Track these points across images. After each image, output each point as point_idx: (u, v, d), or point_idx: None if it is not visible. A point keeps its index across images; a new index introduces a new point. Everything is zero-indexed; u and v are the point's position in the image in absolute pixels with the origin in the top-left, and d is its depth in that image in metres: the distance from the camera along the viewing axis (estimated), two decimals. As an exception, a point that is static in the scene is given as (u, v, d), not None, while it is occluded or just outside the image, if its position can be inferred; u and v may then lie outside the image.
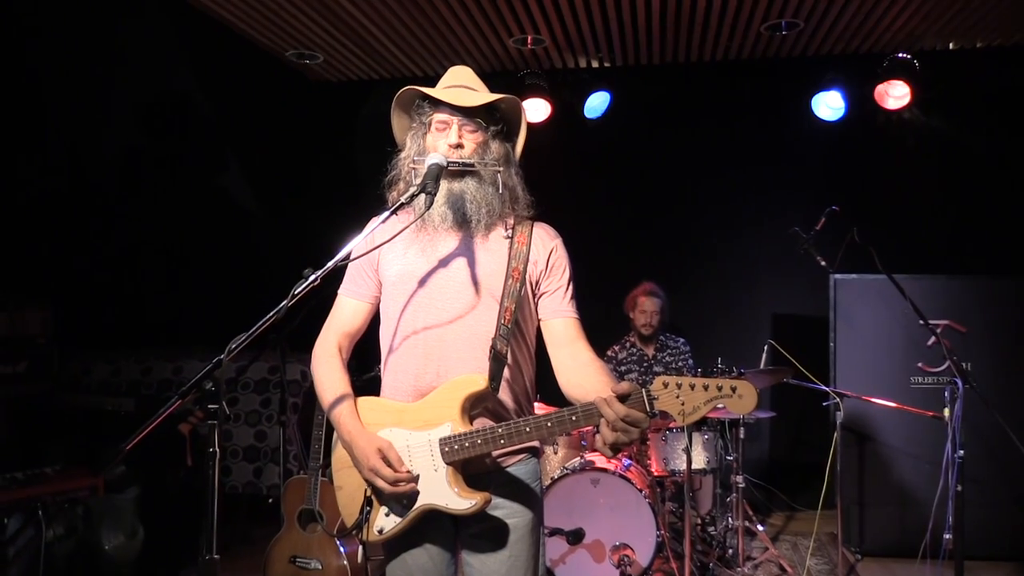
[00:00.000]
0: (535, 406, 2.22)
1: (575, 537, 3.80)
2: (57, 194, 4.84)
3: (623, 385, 1.77)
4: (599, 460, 4.03)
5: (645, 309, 4.95)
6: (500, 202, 2.08)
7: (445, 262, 2.07)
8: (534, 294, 2.13)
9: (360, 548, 2.08)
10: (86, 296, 4.90)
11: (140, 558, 3.77)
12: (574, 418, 1.85)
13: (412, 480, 1.95)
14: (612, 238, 5.82)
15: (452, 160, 2.01)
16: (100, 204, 5.12)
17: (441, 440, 1.95)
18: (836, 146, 5.56)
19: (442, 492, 1.94)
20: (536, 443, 2.15)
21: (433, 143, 2.06)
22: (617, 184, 5.95)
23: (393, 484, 1.93)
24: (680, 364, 4.99)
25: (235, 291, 5.20)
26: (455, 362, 2.02)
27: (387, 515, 2.01)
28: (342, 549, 3.52)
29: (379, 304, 2.18)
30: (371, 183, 2.25)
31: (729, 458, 4.49)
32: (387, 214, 1.96)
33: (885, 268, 3.62)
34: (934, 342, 4.10)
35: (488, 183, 2.06)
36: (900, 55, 5.12)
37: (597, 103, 5.55)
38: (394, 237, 1.97)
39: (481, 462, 2.02)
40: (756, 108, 5.65)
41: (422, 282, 2.07)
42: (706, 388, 1.76)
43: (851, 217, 3.75)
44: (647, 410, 1.76)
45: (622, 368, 5.00)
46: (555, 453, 4.27)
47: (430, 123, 2.08)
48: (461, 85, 2.14)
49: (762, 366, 4.38)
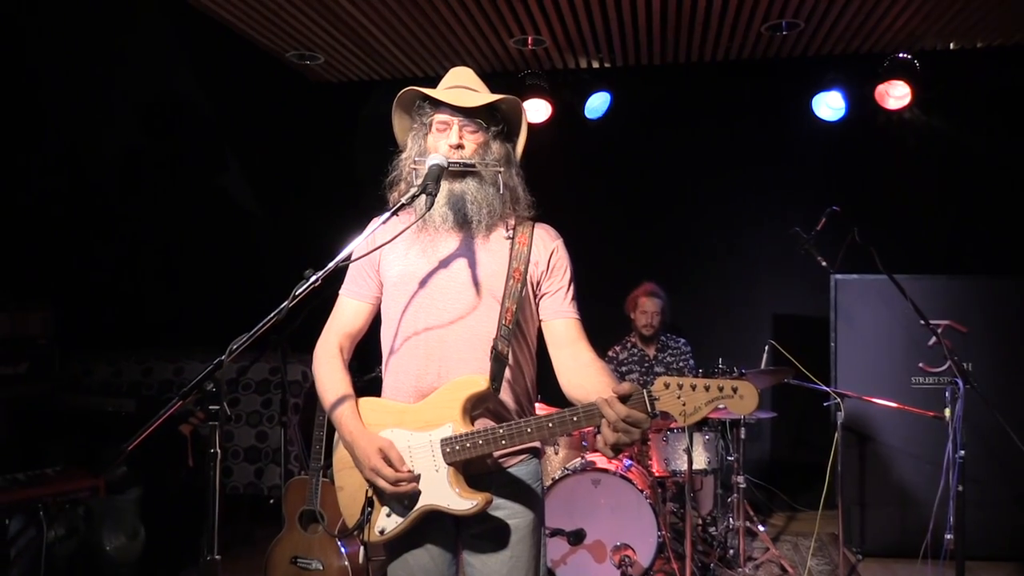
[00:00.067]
0: (536, 407, 2.22)
1: (576, 537, 3.80)
2: (58, 195, 4.84)
3: (624, 386, 1.77)
4: (600, 460, 4.03)
5: (646, 309, 4.95)
6: (501, 203, 2.07)
7: (446, 263, 2.07)
8: (535, 295, 2.13)
9: (361, 549, 2.08)
10: (87, 297, 4.90)
11: (141, 559, 3.78)
12: (575, 419, 1.85)
13: (413, 480, 1.95)
14: (613, 238, 5.82)
15: (453, 161, 2.01)
16: (101, 205, 5.11)
17: (442, 441, 1.95)
18: (837, 146, 5.56)
19: (443, 493, 1.94)
20: (537, 444, 2.15)
21: (434, 144, 2.06)
22: (618, 184, 5.95)
23: (394, 484, 1.93)
24: (681, 364, 4.99)
25: (236, 292, 5.21)
26: (456, 363, 2.02)
27: (388, 516, 2.01)
28: (343, 550, 3.52)
29: (380, 305, 2.18)
30: (372, 184, 2.25)
31: (730, 458, 4.49)
32: (388, 215, 1.95)
33: (886, 268, 3.62)
34: (935, 342, 4.09)
35: (489, 183, 2.06)
36: (900, 55, 5.12)
37: (598, 103, 5.56)
38: (395, 238, 1.97)
39: (482, 463, 2.02)
40: (757, 108, 5.65)
41: (423, 283, 2.07)
42: (707, 389, 1.76)
43: (852, 217, 3.75)
44: (648, 411, 1.76)
45: (623, 368, 5.00)
46: (556, 453, 4.27)
47: (431, 124, 2.08)
48: (462, 86, 2.14)
49: (763, 366, 4.38)
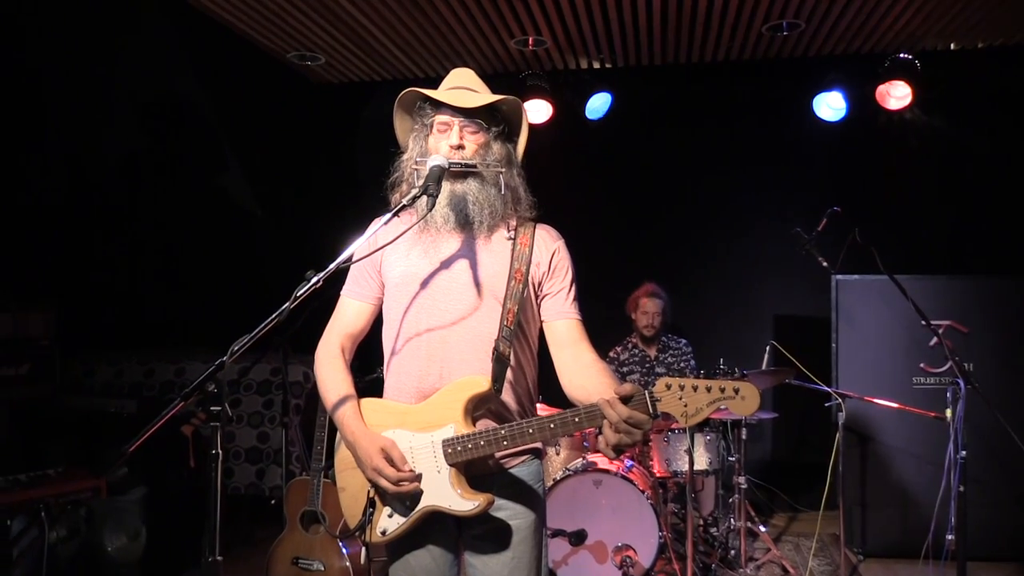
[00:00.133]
0: (537, 407, 2.22)
1: (577, 538, 3.80)
2: (59, 196, 4.85)
3: (626, 387, 1.77)
4: (601, 461, 4.03)
5: (647, 310, 4.95)
6: (502, 203, 2.07)
7: (448, 263, 2.07)
8: (537, 295, 2.13)
9: (363, 549, 2.08)
10: (88, 298, 4.91)
11: (143, 560, 3.78)
12: (577, 419, 1.85)
13: (415, 479, 1.95)
14: (614, 239, 5.82)
15: (454, 161, 2.01)
16: (102, 206, 5.12)
17: (444, 441, 1.95)
18: (837, 147, 5.57)
19: (445, 493, 1.94)
20: (539, 444, 2.15)
21: (435, 145, 2.06)
22: (619, 185, 5.95)
23: (396, 484, 1.93)
24: (682, 365, 4.99)
25: (237, 293, 5.21)
26: (458, 364, 2.02)
27: (390, 516, 2.01)
28: (344, 550, 3.53)
29: (382, 305, 2.18)
30: (373, 184, 2.25)
31: (731, 459, 4.48)
32: (389, 216, 1.95)
33: (887, 268, 3.62)
34: (936, 343, 4.09)
35: (490, 184, 2.06)
36: (901, 55, 5.12)
37: (598, 104, 5.56)
38: (397, 238, 1.97)
39: (484, 463, 2.02)
40: (757, 109, 5.65)
41: (425, 284, 2.07)
42: (709, 390, 1.76)
43: (853, 218, 3.75)
44: (650, 412, 1.75)
45: (624, 369, 5.00)
46: (557, 454, 4.27)
47: (432, 125, 2.08)
48: (462, 87, 2.14)
49: (764, 367, 4.38)
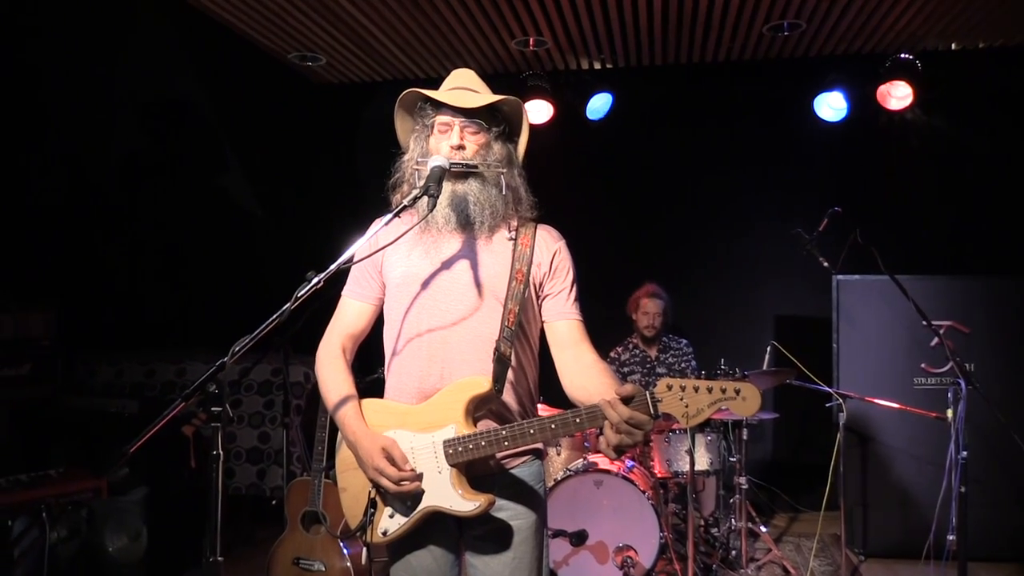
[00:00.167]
0: (538, 408, 2.23)
1: (578, 538, 3.80)
2: (60, 196, 4.85)
3: (627, 387, 1.76)
4: (602, 462, 4.03)
5: (648, 311, 4.95)
6: (503, 203, 2.07)
7: (448, 264, 2.07)
8: (538, 296, 2.13)
9: (364, 550, 2.08)
10: (90, 298, 4.91)
11: (144, 560, 3.78)
12: (578, 420, 1.85)
13: (416, 479, 1.95)
14: (614, 239, 5.82)
15: (455, 162, 2.01)
16: (103, 206, 5.12)
17: (445, 442, 1.95)
18: (838, 147, 5.56)
19: (446, 494, 1.94)
20: (540, 445, 2.15)
21: (436, 145, 2.06)
22: (619, 185, 5.95)
23: (397, 483, 1.93)
24: (683, 365, 4.99)
25: (238, 293, 5.21)
26: (459, 364, 2.02)
27: (391, 517, 2.01)
28: (345, 551, 3.53)
29: (383, 306, 2.18)
30: (373, 185, 2.26)
31: (732, 459, 4.48)
32: (390, 216, 1.96)
33: (888, 269, 3.61)
34: (937, 343, 4.09)
35: (491, 184, 2.06)
36: (902, 55, 5.12)
37: (599, 104, 5.56)
38: (398, 239, 1.97)
39: (485, 464, 2.02)
40: (758, 109, 5.65)
41: (426, 284, 2.07)
42: (710, 390, 1.76)
43: (854, 218, 3.74)
44: (651, 412, 1.75)
45: (625, 370, 5.00)
46: (558, 455, 4.27)
47: (432, 125, 2.08)
48: (463, 87, 2.14)
49: (765, 367, 4.38)
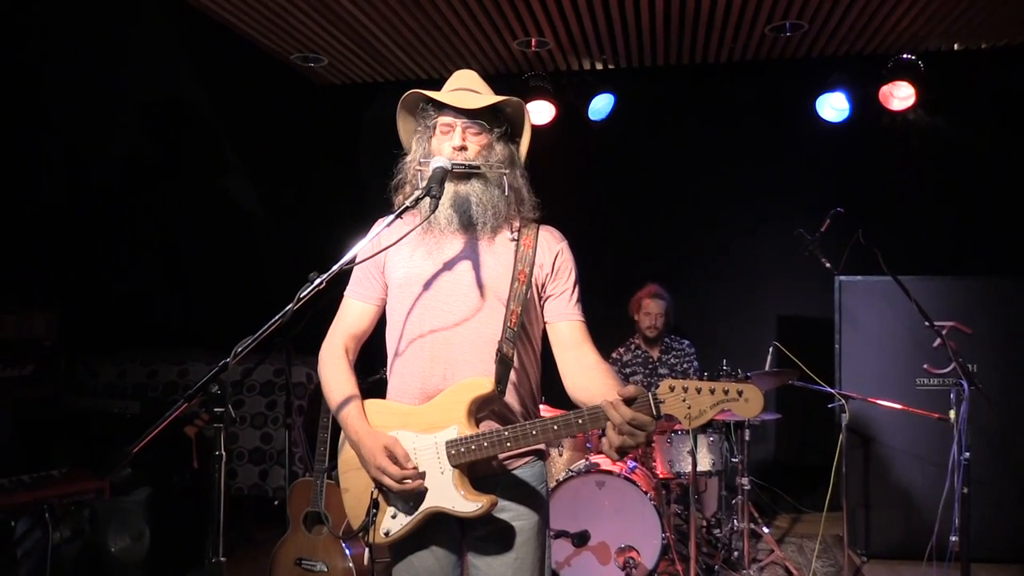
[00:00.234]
0: (540, 409, 2.23)
1: (580, 539, 3.80)
2: (62, 197, 4.85)
3: (629, 388, 1.76)
4: (604, 462, 4.03)
5: (649, 311, 4.95)
6: (506, 204, 2.08)
7: (451, 265, 2.07)
8: (540, 297, 2.13)
9: (366, 550, 2.08)
10: (92, 299, 4.90)
11: (146, 560, 3.78)
12: (580, 421, 1.85)
13: (419, 477, 1.95)
14: (616, 240, 5.81)
15: (457, 163, 2.01)
16: (105, 207, 5.12)
17: (447, 443, 1.95)
18: (840, 147, 5.56)
19: (448, 495, 1.95)
20: (542, 446, 2.15)
21: (438, 146, 2.06)
22: (621, 186, 5.95)
23: (400, 482, 1.93)
24: (685, 366, 4.99)
25: (241, 294, 5.22)
26: (461, 365, 2.02)
27: (393, 517, 2.01)
28: (348, 551, 3.53)
29: (385, 306, 2.19)
30: (376, 186, 2.26)
31: (734, 460, 4.48)
32: (392, 217, 1.97)
33: (890, 269, 3.62)
34: (939, 343, 4.10)
35: (493, 185, 2.06)
36: (904, 56, 5.12)
37: (601, 105, 5.56)
38: (400, 240, 1.97)
39: (487, 465, 2.02)
40: (760, 109, 5.64)
41: (428, 285, 2.07)
42: (712, 392, 1.75)
43: (856, 218, 3.75)
44: (653, 414, 1.75)
45: (627, 370, 5.00)
46: (560, 455, 4.27)
47: (435, 126, 2.08)
48: (465, 88, 2.14)
49: (767, 368, 4.38)
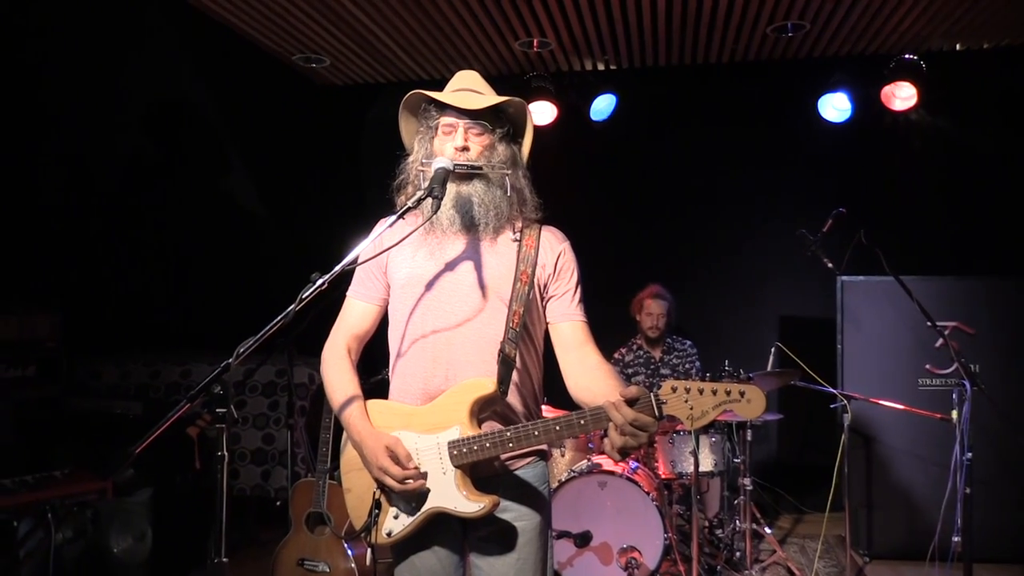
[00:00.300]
0: (542, 409, 2.23)
1: (582, 540, 3.80)
2: (64, 198, 4.86)
3: (631, 389, 1.76)
4: (606, 463, 4.03)
5: (651, 312, 4.95)
6: (508, 205, 2.08)
7: (453, 265, 2.07)
8: (542, 297, 2.13)
9: (368, 551, 2.08)
10: (94, 300, 4.91)
11: (149, 561, 3.78)
12: (582, 422, 1.85)
13: (421, 477, 1.95)
14: (618, 240, 5.81)
15: (459, 163, 2.01)
16: (108, 208, 5.13)
17: (450, 443, 1.95)
18: (843, 148, 5.55)
19: (450, 495, 1.95)
20: (544, 446, 2.15)
21: (440, 147, 2.06)
22: (623, 186, 5.95)
23: (401, 482, 1.93)
24: (687, 366, 4.99)
25: (243, 295, 5.22)
26: (464, 365, 2.03)
27: (396, 518, 2.01)
28: (350, 552, 3.53)
29: (387, 307, 2.19)
30: (378, 186, 2.26)
31: (736, 460, 4.48)
32: (395, 218, 1.97)
33: (892, 270, 3.61)
34: (942, 344, 4.08)
35: (496, 186, 2.06)
36: (906, 56, 5.12)
37: (603, 105, 5.57)
38: (402, 240, 1.97)
39: (489, 465, 2.02)
40: (762, 110, 5.64)
41: (430, 285, 2.07)
42: (715, 393, 1.75)
43: (858, 219, 3.74)
44: (655, 415, 1.75)
45: (629, 371, 4.99)
46: (562, 456, 4.27)
47: (437, 127, 2.08)
48: (467, 89, 2.14)
49: (769, 368, 4.38)
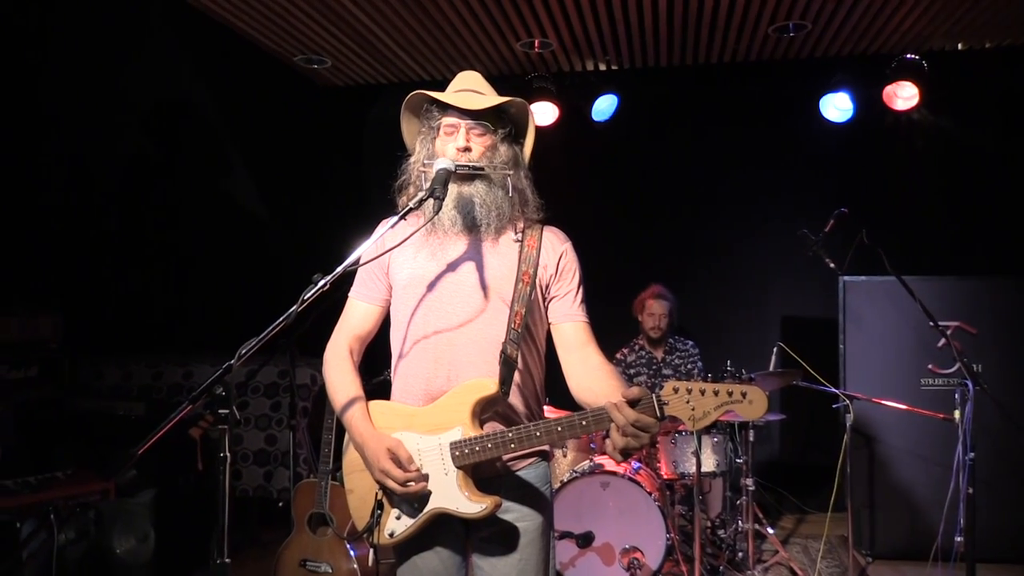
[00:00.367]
0: (544, 410, 2.23)
1: (585, 540, 3.80)
2: (66, 199, 4.86)
3: (633, 390, 1.76)
4: (608, 463, 4.03)
5: (653, 312, 4.95)
6: (510, 205, 2.08)
7: (455, 266, 2.07)
8: (544, 298, 2.13)
9: (371, 551, 2.08)
10: (97, 301, 4.92)
11: (151, 562, 3.78)
12: (584, 423, 1.85)
13: (422, 479, 1.95)
14: (620, 241, 5.81)
15: (460, 164, 2.01)
16: (109, 209, 5.13)
17: (452, 444, 1.95)
18: (845, 147, 5.56)
19: (452, 496, 1.95)
20: (546, 447, 2.15)
21: (442, 147, 2.07)
22: (625, 186, 5.95)
23: (403, 484, 1.93)
24: (689, 367, 4.99)
25: (245, 295, 5.23)
26: (465, 366, 2.03)
27: (398, 518, 2.01)
28: (352, 553, 3.53)
29: (389, 307, 2.19)
30: (380, 187, 2.26)
31: (739, 461, 4.48)
32: (397, 218, 1.97)
33: (894, 269, 3.61)
34: (944, 344, 4.07)
35: (497, 186, 2.06)
36: (908, 56, 5.11)
37: (605, 106, 5.57)
38: (404, 241, 1.97)
39: (491, 466, 2.02)
40: (764, 110, 5.64)
41: (432, 286, 2.07)
42: (716, 393, 1.74)
43: (860, 219, 3.74)
44: (657, 415, 1.75)
45: (631, 371, 4.99)
46: (564, 456, 4.27)
47: (439, 127, 2.08)
48: (469, 89, 2.14)
49: (771, 368, 4.38)
